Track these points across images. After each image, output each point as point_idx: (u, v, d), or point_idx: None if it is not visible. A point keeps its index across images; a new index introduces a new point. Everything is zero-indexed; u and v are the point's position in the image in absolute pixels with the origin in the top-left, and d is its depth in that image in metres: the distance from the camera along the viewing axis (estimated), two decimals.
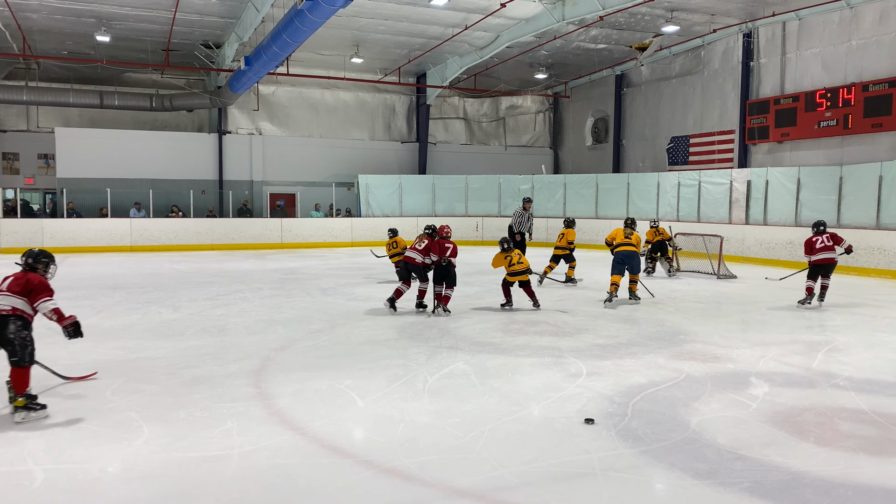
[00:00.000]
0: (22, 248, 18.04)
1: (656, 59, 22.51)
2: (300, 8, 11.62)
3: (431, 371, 5.96)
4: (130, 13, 17.63)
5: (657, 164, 22.84)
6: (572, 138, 28.08)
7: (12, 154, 22.76)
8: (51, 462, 3.95)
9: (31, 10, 17.31)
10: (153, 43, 20.48)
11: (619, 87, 24.86)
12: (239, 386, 5.51)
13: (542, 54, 22.51)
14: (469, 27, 19.02)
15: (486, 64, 22.86)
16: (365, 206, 23.17)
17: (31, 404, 4.68)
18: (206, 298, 10.24)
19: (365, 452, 4.11)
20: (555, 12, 17.11)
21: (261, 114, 24.64)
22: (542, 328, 7.95)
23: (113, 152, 22.04)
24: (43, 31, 19.29)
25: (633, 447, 4.20)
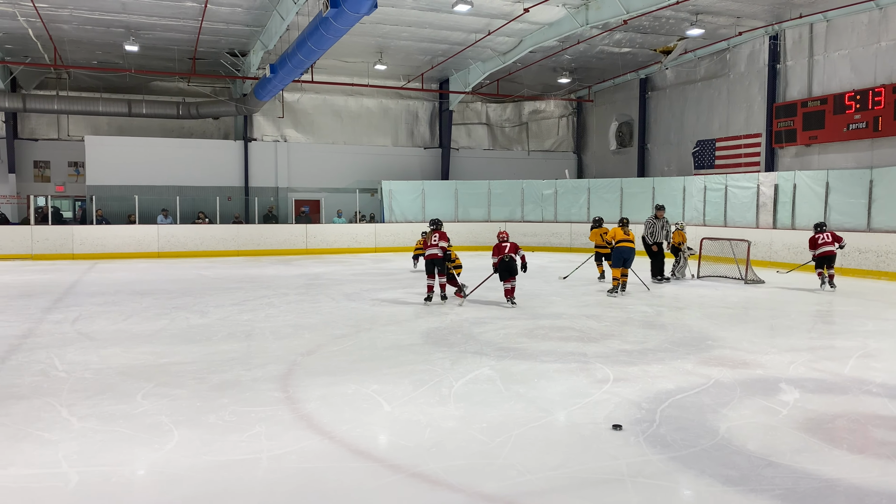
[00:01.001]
0: (53, 254, 18.52)
1: (681, 63, 22.36)
2: (325, 16, 11.72)
3: (457, 376, 5.96)
4: (158, 23, 17.92)
5: (683, 168, 22.67)
6: (596, 143, 27.98)
7: (43, 162, 23.24)
8: (84, 464, 4.00)
9: (62, 20, 17.68)
10: (180, 52, 20.79)
11: (643, 91, 24.74)
12: (266, 390, 5.56)
13: (566, 58, 22.48)
14: (492, 32, 19.05)
15: (509, 69, 22.87)
16: (388, 211, 23.26)
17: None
18: (233, 304, 10.35)
19: (392, 457, 4.12)
20: (578, 16, 17.08)
21: (286, 121, 24.88)
22: (567, 334, 7.91)
23: (141, 160, 22.40)
24: (73, 42, 19.69)
25: (662, 453, 4.17)
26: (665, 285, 12.92)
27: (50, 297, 11.12)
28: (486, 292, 11.37)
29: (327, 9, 11.33)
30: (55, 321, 8.76)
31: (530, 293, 11.56)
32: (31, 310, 9.72)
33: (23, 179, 22.92)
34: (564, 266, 15.11)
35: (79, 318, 8.96)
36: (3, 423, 4.71)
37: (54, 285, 12.66)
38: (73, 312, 9.44)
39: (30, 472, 3.89)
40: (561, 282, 13.33)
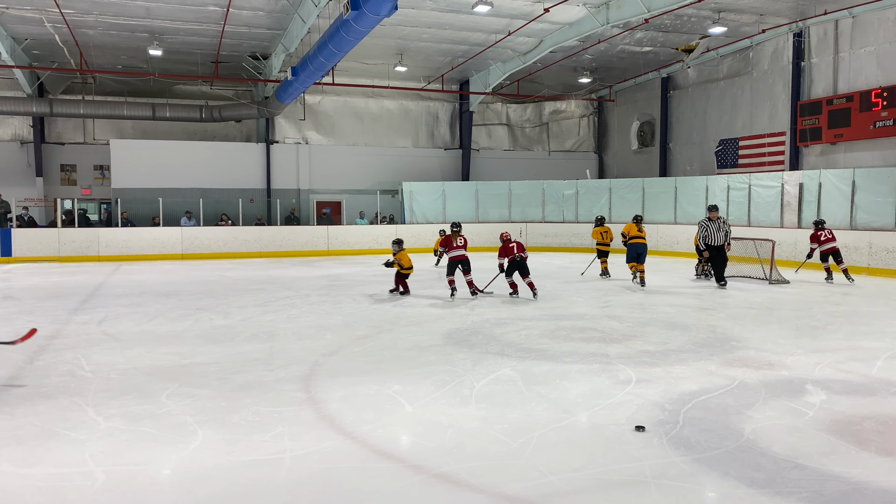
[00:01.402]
0: (79, 256, 18.79)
1: (703, 61, 22.17)
2: (345, 18, 11.78)
3: (478, 377, 5.95)
4: (182, 27, 18.13)
5: (705, 168, 22.46)
6: (617, 142, 27.82)
7: (70, 166, 23.60)
8: (111, 464, 4.05)
9: (87, 26, 17.95)
10: (203, 56, 21.01)
11: (665, 90, 24.56)
12: (289, 391, 5.59)
13: (586, 58, 22.38)
14: (512, 33, 19.02)
15: (529, 69, 22.83)
16: (409, 212, 23.31)
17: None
18: (256, 305, 10.43)
19: (414, 457, 4.13)
20: (599, 16, 17.00)
21: (307, 123, 25.05)
22: (589, 334, 7.87)
23: (165, 163, 22.67)
24: (99, 47, 19.98)
25: (686, 455, 4.13)
26: (726, 290, 11.94)
27: (77, 298, 11.29)
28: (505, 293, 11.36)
29: (348, 11, 11.39)
30: (82, 322, 8.89)
31: (552, 294, 11.51)
32: (58, 311, 9.87)
33: (50, 183, 23.30)
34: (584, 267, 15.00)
35: (105, 320, 9.08)
36: (31, 422, 4.79)
37: (81, 287, 12.85)
38: (99, 314, 9.58)
39: (57, 471, 3.95)
40: (582, 283, 13.27)
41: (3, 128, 23.08)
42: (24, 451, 4.24)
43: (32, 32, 18.48)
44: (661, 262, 17.53)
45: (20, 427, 4.68)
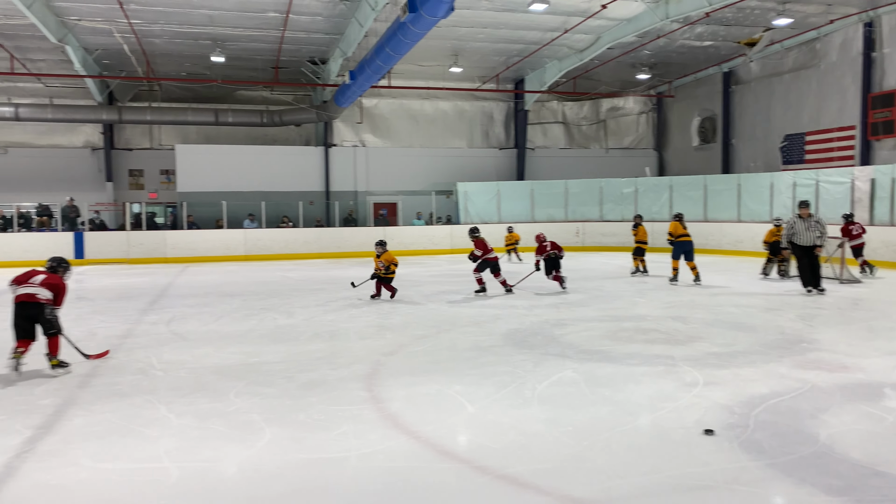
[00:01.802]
0: (147, 258, 19.43)
1: (767, 54, 21.51)
2: (403, 20, 11.87)
3: (539, 378, 5.91)
4: (243, 34, 18.58)
5: (770, 164, 21.81)
6: (677, 139, 27.26)
7: (138, 171, 24.47)
8: (183, 460, 4.17)
9: (154, 35, 18.57)
10: (263, 61, 21.49)
11: (727, 85, 23.95)
12: (352, 390, 5.66)
13: (645, 54, 22.00)
14: (568, 30, 18.86)
15: (585, 66, 22.58)
16: (464, 213, 23.34)
17: (62, 363, 6.32)
18: (317, 305, 10.61)
19: (478, 458, 4.12)
20: (658, 11, 16.69)
21: (364, 126, 25.34)
22: (652, 336, 7.73)
23: (228, 167, 23.28)
24: (164, 55, 20.64)
25: (758, 460, 4.01)
26: (820, 296, 10.81)
27: (146, 299, 11.68)
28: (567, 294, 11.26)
29: (405, 14, 11.48)
30: (151, 322, 9.19)
31: (612, 294, 11.36)
32: (128, 311, 10.23)
33: (119, 187, 24.21)
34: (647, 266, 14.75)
35: (173, 320, 9.38)
36: (108, 418, 4.97)
37: (149, 288, 13.30)
38: (167, 314, 9.89)
39: (134, 466, 4.08)
40: (643, 283, 13.03)
41: (76, 135, 24.09)
42: (102, 447, 4.40)
43: (102, 43, 19.24)
44: (725, 262, 17.10)
45: (98, 423, 4.87)
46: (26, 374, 6.31)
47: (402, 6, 11.65)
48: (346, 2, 16.29)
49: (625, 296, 11.20)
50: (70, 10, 16.56)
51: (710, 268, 15.69)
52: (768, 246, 13.43)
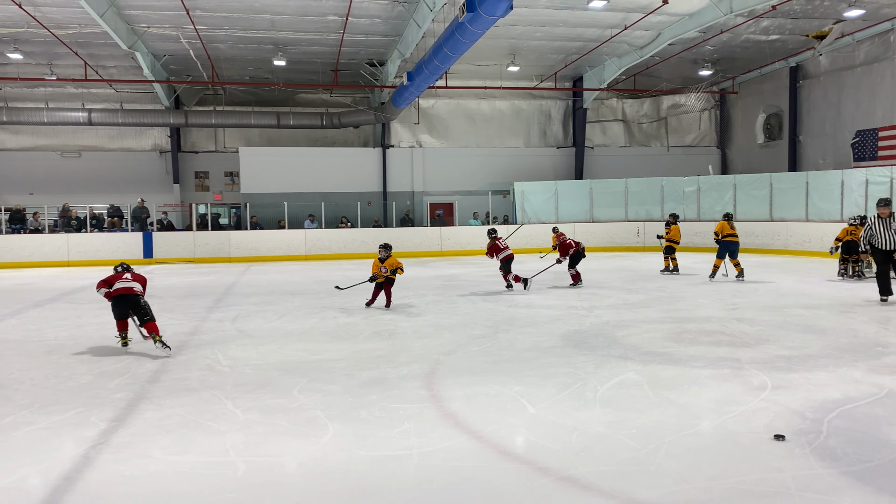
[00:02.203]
0: (212, 257, 19.95)
1: (837, 48, 20.72)
2: (461, 20, 11.88)
3: (601, 380, 5.83)
4: (304, 38, 18.93)
5: (840, 161, 20.99)
6: (741, 136, 26.52)
7: (203, 173, 25.21)
8: (250, 454, 4.27)
9: (218, 40, 19.10)
10: (323, 64, 21.85)
11: (794, 80, 23.17)
12: (412, 388, 5.69)
13: (707, 49, 21.49)
14: (629, 27, 18.56)
15: (646, 63, 22.19)
16: (520, 213, 23.22)
17: (165, 343, 7.22)
18: (376, 303, 10.70)
19: (540, 459, 4.09)
20: (721, 5, 16.28)
21: (421, 127, 25.49)
22: (717, 338, 7.53)
23: (289, 168, 23.77)
24: (228, 60, 21.20)
25: (832, 467, 3.86)
26: (867, 292, 10.61)
27: (212, 297, 12.02)
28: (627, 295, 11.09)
29: (463, 14, 11.49)
30: (217, 319, 9.45)
31: (674, 295, 11.12)
32: (195, 309, 10.54)
33: (185, 189, 24.99)
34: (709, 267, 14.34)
35: (238, 317, 9.61)
36: (177, 413, 5.13)
37: (215, 286, 13.67)
38: (232, 311, 10.15)
39: (203, 460, 4.20)
40: (707, 284, 12.71)
41: (145, 138, 24.97)
42: (172, 440, 4.54)
43: (170, 49, 19.89)
44: (793, 262, 16.55)
45: (168, 417, 5.02)
46: (100, 369, 6.58)
47: (461, 6, 11.66)
48: (404, 3, 16.42)
49: (688, 297, 10.95)
50: (140, 17, 17.18)
51: (777, 268, 15.23)
52: (842, 244, 12.92)
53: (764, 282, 12.73)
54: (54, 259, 19.42)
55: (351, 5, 16.29)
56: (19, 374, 6.42)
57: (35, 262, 19.22)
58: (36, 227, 20.83)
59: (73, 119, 22.71)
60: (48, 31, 17.58)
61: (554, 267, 13.43)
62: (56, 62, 21.22)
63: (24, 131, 24.04)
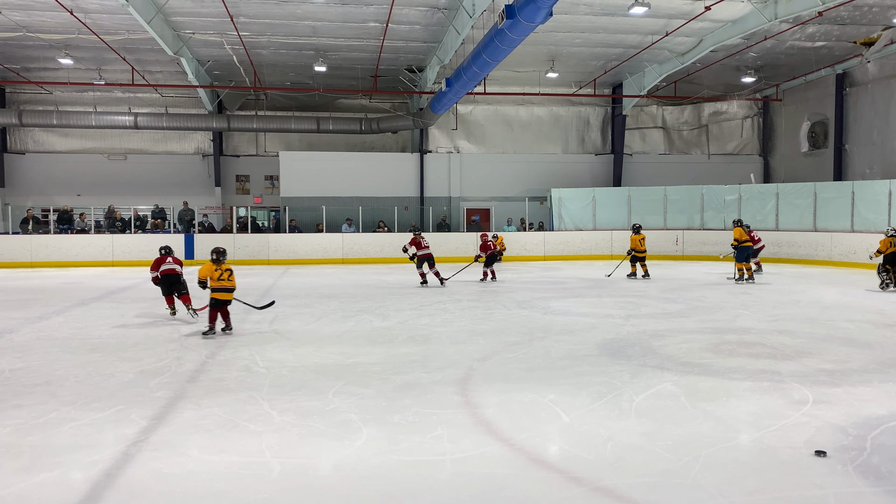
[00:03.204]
0: (251, 260, 20.23)
1: (886, 55, 20.16)
2: (500, 27, 11.89)
3: (637, 390, 5.76)
4: (344, 44, 19.14)
5: (888, 171, 20.43)
6: (785, 144, 25.99)
7: (244, 176, 25.62)
8: (285, 456, 4.32)
9: (261, 46, 19.42)
10: (363, 70, 22.05)
11: (840, 88, 22.64)
12: (446, 394, 5.70)
13: (751, 56, 21.12)
14: (670, 33, 18.35)
15: (687, 70, 21.91)
16: (557, 219, 23.09)
17: (195, 310, 9.63)
18: (412, 308, 10.76)
19: (573, 468, 4.06)
20: (766, 11, 16.00)
21: (458, 132, 25.54)
22: (757, 350, 7.39)
23: (327, 173, 24.01)
24: (270, 65, 21.53)
25: (877, 486, 3.76)
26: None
27: (250, 298, 12.11)
28: (665, 304, 10.95)
29: (503, 20, 11.49)
30: (255, 321, 9.59)
31: (714, 305, 10.94)
32: (234, 310, 10.66)
33: (227, 192, 25.42)
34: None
35: (275, 319, 9.74)
36: (215, 412, 5.22)
37: (254, 288, 13.87)
38: (270, 313, 10.27)
39: (239, 460, 4.26)
40: (746, 294, 12.48)
41: (188, 142, 25.49)
42: (209, 439, 4.62)
43: (213, 54, 20.28)
44: (836, 274, 16.16)
45: (206, 417, 5.11)
46: (141, 367, 6.73)
47: (500, 13, 11.67)
48: (444, 10, 16.49)
49: (727, 307, 10.76)
50: (185, 24, 17.56)
51: (820, 279, 14.89)
52: (884, 257, 12.58)
53: (806, 293, 12.45)
54: (99, 259, 19.92)
55: (391, 12, 16.42)
56: (64, 370, 6.60)
57: (81, 262, 19.75)
58: (82, 227, 21.40)
59: (119, 123, 23.29)
60: (98, 37, 18.08)
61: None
62: (104, 67, 21.81)
63: (72, 134, 24.75)
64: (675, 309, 10.57)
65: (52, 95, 24.33)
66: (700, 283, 14.38)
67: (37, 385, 6.05)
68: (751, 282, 14.06)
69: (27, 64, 21.50)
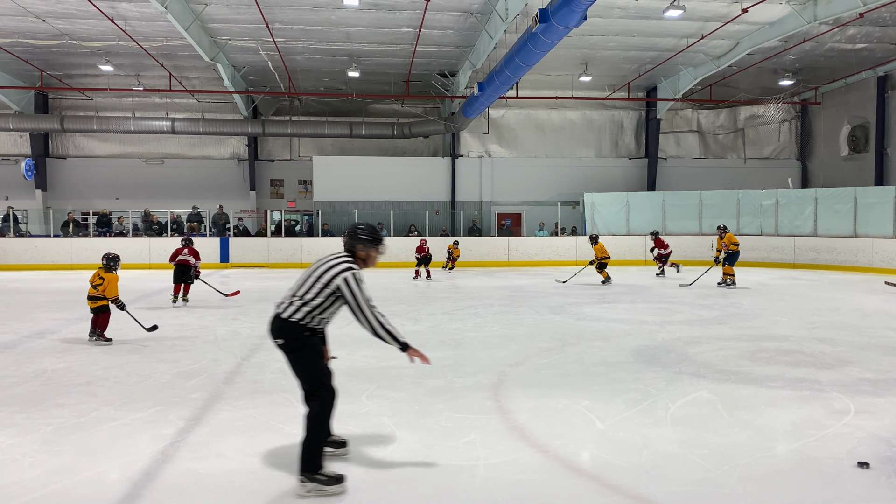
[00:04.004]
0: (285, 263, 20.44)
1: None
2: (533, 31, 11.87)
3: (673, 398, 5.69)
4: (377, 49, 19.27)
5: None
6: (823, 148, 25.49)
7: (278, 180, 25.93)
8: None
9: (295, 52, 19.65)
10: (395, 75, 22.17)
11: (881, 90, 22.16)
12: (478, 399, 5.69)
13: (788, 59, 20.78)
14: (705, 36, 18.14)
15: (723, 73, 21.64)
16: (590, 224, 22.93)
17: (186, 300, 11.73)
18: (443, 313, 10.77)
19: (608, 476, 4.02)
20: (805, 13, 15.73)
21: (490, 137, 25.53)
22: (796, 358, 7.24)
23: (360, 177, 24.20)
24: (304, 71, 21.77)
25: None
26: None
27: None
28: (700, 311, 10.79)
29: (536, 24, 11.47)
30: None
31: (751, 312, 10.76)
32: (269, 313, 10.76)
33: (261, 196, 25.75)
34: (786, 283, 13.95)
35: None
36: (250, 414, 5.28)
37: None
38: None
39: (273, 461, 4.30)
40: (783, 301, 12.25)
41: (224, 147, 25.87)
42: (245, 441, 4.66)
43: (249, 60, 20.57)
44: (878, 281, 15.76)
45: (242, 418, 5.17)
46: (178, 369, 6.83)
47: (534, 17, 11.66)
48: (476, 15, 16.51)
49: (764, 314, 10.57)
50: (222, 30, 17.85)
51: (861, 286, 14.56)
52: None
53: (846, 300, 12.18)
54: (137, 262, 20.31)
55: (424, 17, 16.49)
56: (104, 371, 6.73)
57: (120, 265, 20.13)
58: (120, 230, 21.84)
59: (157, 128, 23.75)
60: (137, 44, 18.47)
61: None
62: (143, 73, 22.27)
63: (112, 139, 25.30)
64: (711, 315, 10.41)
65: (93, 101, 24.90)
66: (736, 289, 14.15)
67: (78, 385, 6.18)
68: (733, 287, 14.38)
69: (69, 71, 22.06)
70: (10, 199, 24.04)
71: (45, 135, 24.73)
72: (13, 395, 5.85)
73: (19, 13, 16.37)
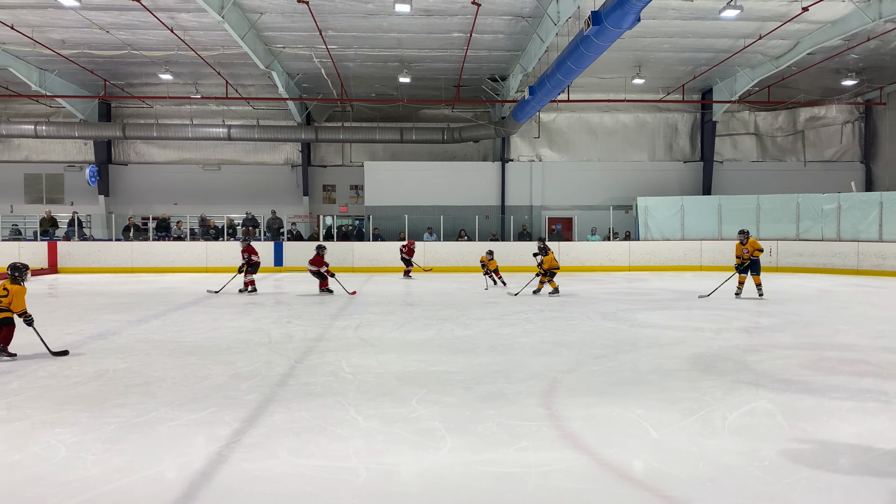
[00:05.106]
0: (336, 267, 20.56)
1: None
2: (585, 34, 11.75)
3: (730, 407, 5.53)
4: (428, 55, 19.37)
5: None
6: (889, 150, 24.55)
7: (330, 186, 26.29)
8: (371, 461, 4.36)
9: (348, 59, 19.91)
10: (446, 80, 22.25)
11: None
12: (530, 405, 5.64)
13: (851, 58, 20.09)
14: (763, 36, 17.69)
15: (781, 74, 21.05)
16: (643, 229, 22.55)
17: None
18: (493, 318, 10.72)
19: (664, 487, 3.93)
20: (869, 11, 15.20)
21: (541, 141, 25.39)
22: (860, 368, 6.97)
23: (410, 182, 24.34)
24: (356, 77, 22.04)
25: None
26: None
27: (336, 305, 12.46)
28: (758, 318, 10.48)
29: (588, 27, 11.36)
30: (341, 327, 9.77)
31: (812, 320, 10.41)
32: (321, 316, 10.96)
33: (314, 201, 26.16)
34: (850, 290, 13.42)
35: (360, 326, 9.91)
36: (303, 416, 5.33)
37: (338, 295, 14.17)
38: (354, 320, 10.47)
39: (326, 464, 4.33)
40: (847, 308, 11.82)
41: (278, 153, 26.37)
42: (298, 443, 4.72)
43: (303, 68, 20.93)
44: None
45: (295, 420, 5.23)
46: (234, 371, 6.97)
47: (586, 19, 11.54)
48: (527, 18, 16.45)
49: (826, 322, 10.22)
50: (276, 38, 18.21)
51: None
52: None
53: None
54: (194, 265, 20.85)
55: (475, 22, 16.51)
56: (162, 372, 6.91)
57: (177, 268, 20.73)
58: (178, 235, 22.45)
59: (214, 134, 24.35)
60: (195, 52, 18.98)
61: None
62: (201, 82, 22.89)
63: (170, 146, 26.05)
64: (770, 323, 10.11)
65: (153, 109, 25.69)
66: (796, 296, 13.73)
67: (137, 385, 6.36)
68: (739, 296, 13.49)
69: (131, 80, 22.83)
70: (76, 205, 24.98)
71: (108, 142, 25.62)
72: (78, 393, 6.05)
73: (85, 25, 17.02)
